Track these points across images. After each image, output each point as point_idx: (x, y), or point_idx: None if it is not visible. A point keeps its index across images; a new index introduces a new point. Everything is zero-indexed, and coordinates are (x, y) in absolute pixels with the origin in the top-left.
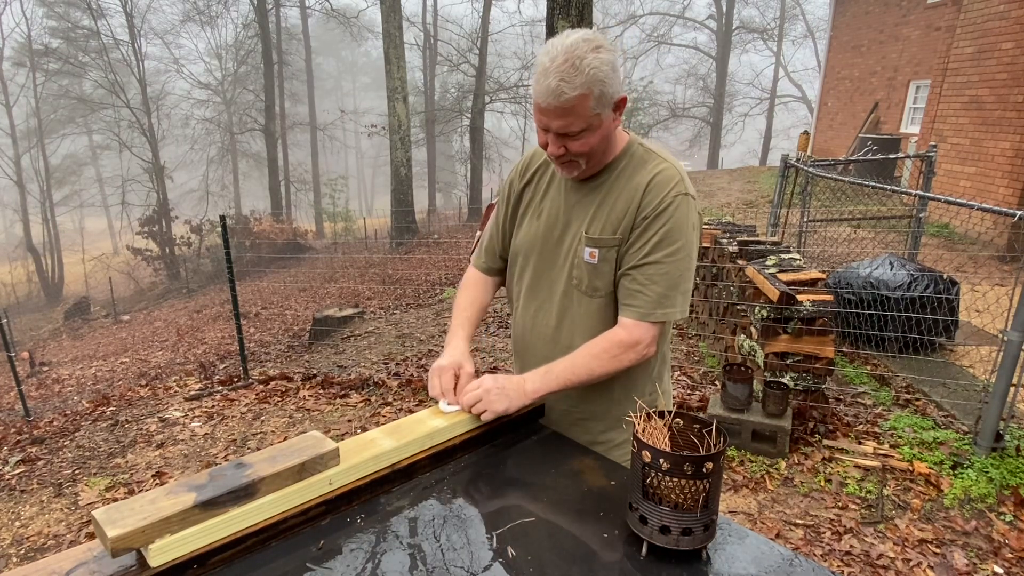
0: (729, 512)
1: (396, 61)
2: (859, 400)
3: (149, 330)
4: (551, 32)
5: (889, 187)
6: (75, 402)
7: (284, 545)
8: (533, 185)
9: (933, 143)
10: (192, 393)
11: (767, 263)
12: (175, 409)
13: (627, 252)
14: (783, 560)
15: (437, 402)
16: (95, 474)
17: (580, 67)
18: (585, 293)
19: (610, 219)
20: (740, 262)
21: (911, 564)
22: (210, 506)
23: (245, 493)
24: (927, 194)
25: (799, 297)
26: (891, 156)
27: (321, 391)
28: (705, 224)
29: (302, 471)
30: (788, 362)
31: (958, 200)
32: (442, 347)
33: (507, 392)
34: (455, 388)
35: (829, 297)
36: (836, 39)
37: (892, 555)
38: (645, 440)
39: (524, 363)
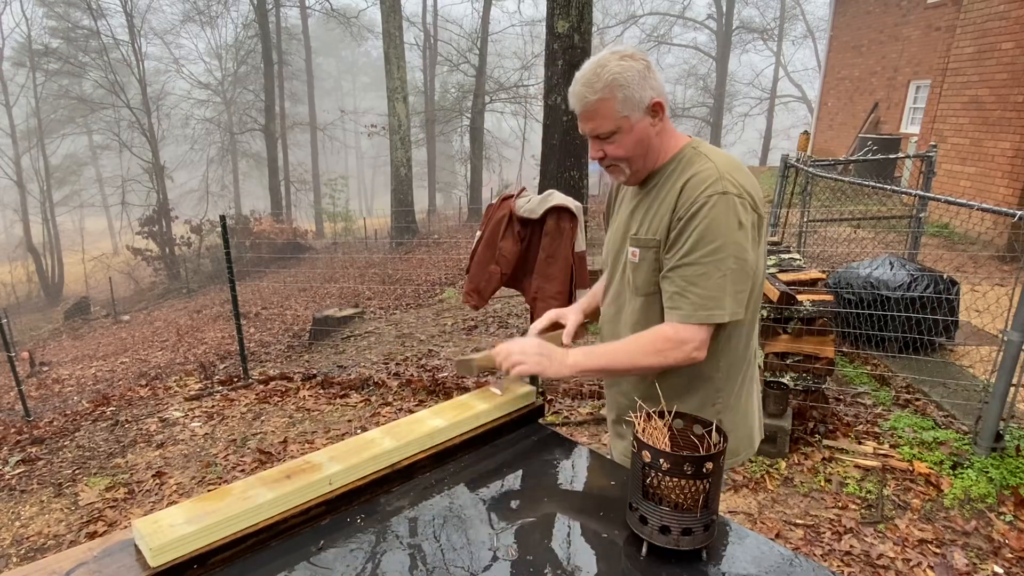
0: (729, 512)
1: (396, 61)
2: (859, 400)
3: (149, 330)
4: (551, 32)
5: (889, 187)
6: (75, 402)
7: (284, 545)
8: (619, 197)
9: (933, 143)
10: (192, 393)
11: (767, 263)
12: (175, 409)
13: (667, 254)
14: (783, 560)
15: (479, 387)
16: (95, 474)
17: (601, 74)
18: (633, 292)
19: (653, 221)
20: None
21: (911, 564)
22: None
23: None
24: (927, 194)
25: (799, 297)
26: (891, 156)
27: (321, 391)
28: None
29: None
30: (788, 362)
31: (958, 200)
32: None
33: (549, 357)
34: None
35: (829, 297)
36: (836, 39)
37: (892, 555)
38: (645, 440)
39: None
